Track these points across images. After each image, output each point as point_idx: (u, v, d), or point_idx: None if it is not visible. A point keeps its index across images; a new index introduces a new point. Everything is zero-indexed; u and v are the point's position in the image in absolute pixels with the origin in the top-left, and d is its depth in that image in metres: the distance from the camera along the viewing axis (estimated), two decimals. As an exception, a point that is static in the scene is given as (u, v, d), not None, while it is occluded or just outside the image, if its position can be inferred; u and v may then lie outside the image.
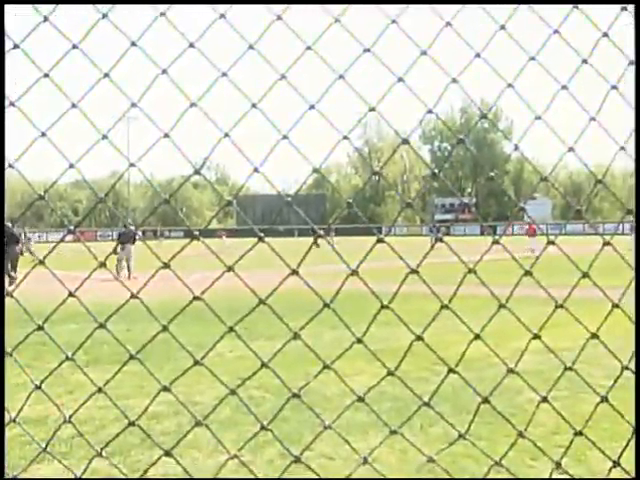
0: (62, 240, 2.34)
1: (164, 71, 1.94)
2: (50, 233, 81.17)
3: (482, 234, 70.60)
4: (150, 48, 1.97)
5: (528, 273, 2.12)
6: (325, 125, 2.02)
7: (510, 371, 2.21)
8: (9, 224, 24.79)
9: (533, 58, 2.07)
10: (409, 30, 2.02)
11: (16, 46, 1.90)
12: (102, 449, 2.22)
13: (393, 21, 1.95)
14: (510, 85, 2.08)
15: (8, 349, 2.27)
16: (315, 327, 2.26)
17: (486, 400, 2.22)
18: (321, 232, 2.04)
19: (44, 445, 2.34)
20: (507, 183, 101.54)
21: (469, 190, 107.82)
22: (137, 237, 26.50)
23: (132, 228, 27.34)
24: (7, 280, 22.93)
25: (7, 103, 1.90)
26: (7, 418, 2.34)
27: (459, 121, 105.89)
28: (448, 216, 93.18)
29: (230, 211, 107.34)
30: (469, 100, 2.28)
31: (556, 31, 2.07)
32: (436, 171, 2.09)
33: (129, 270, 26.01)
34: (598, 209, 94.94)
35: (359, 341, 2.08)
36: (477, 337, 2.15)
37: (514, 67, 2.12)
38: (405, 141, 2.08)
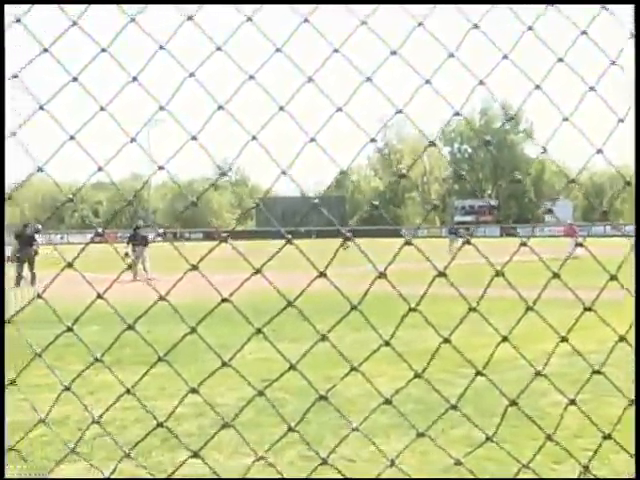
0: (92, 241, 2.36)
1: (191, 74, 1.95)
2: (71, 235, 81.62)
3: (501, 236, 70.22)
4: (177, 51, 1.97)
5: (556, 275, 2.11)
6: (345, 127, 2.02)
7: (538, 374, 2.20)
8: (25, 225, 25.14)
9: (561, 59, 2.06)
10: (433, 32, 2.02)
11: (45, 50, 1.91)
12: (130, 450, 2.24)
13: (420, 24, 1.94)
14: (538, 87, 2.07)
15: (38, 349, 2.28)
16: (338, 329, 2.25)
17: (514, 403, 2.21)
18: (349, 234, 2.05)
19: (71, 445, 2.36)
20: (528, 185, 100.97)
21: (489, 192, 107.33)
22: (149, 239, 26.57)
23: (142, 230, 27.55)
24: (25, 280, 23.22)
25: (36, 107, 1.92)
26: (36, 418, 2.35)
27: (479, 122, 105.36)
28: (468, 218, 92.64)
29: (250, 213, 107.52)
30: (489, 101, 2.27)
31: (584, 32, 2.05)
32: (463, 173, 2.08)
33: (145, 271, 25.97)
34: (620, 211, 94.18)
35: (387, 344, 2.07)
36: (505, 339, 2.14)
37: (538, 68, 2.10)
38: (432, 143, 2.08)
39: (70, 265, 2.05)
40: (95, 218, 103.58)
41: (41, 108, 1.92)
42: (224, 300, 2.03)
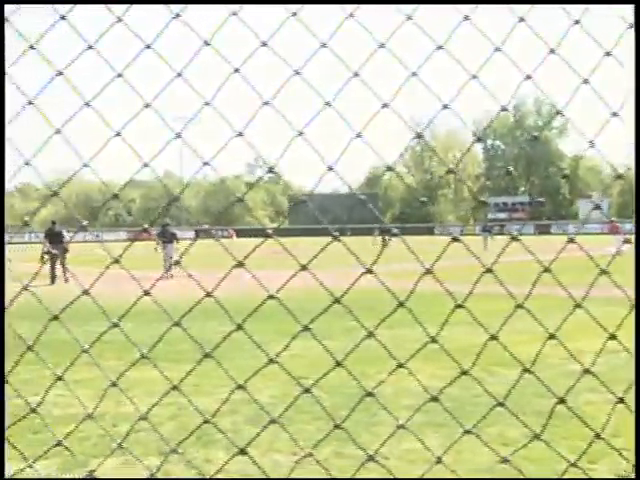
0: (137, 239, 2.39)
1: (236, 70, 1.96)
2: (105, 233, 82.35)
3: (534, 234, 69.61)
4: (221, 47, 1.98)
5: (604, 272, 2.09)
6: (379, 123, 2.01)
7: (587, 371, 2.18)
8: (54, 223, 25.52)
9: (609, 53, 2.04)
10: (473, 27, 2.01)
11: (90, 47, 1.93)
12: (178, 445, 2.26)
13: (466, 17, 1.93)
14: (586, 81, 2.04)
15: (85, 346, 2.31)
16: (369, 326, 2.25)
17: (562, 400, 2.20)
18: (396, 230, 2.05)
19: (117, 441, 2.38)
20: (562, 181, 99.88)
21: (522, 189, 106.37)
22: (177, 236, 26.67)
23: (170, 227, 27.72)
24: (61, 277, 23.58)
25: (82, 103, 1.94)
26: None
27: (512, 118, 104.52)
28: (501, 215, 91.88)
29: (282, 210, 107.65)
30: (522, 97, 2.26)
31: (632, 26, 2.03)
32: (510, 169, 2.07)
33: (169, 268, 25.78)
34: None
35: (433, 340, 2.07)
36: (552, 337, 2.13)
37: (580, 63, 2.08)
38: (479, 139, 2.07)
39: (117, 261, 2.07)
40: (128, 216, 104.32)
41: (87, 104, 1.94)
42: (270, 297, 2.04)
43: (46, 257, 23.99)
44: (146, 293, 2.08)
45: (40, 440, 5.95)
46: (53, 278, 23.56)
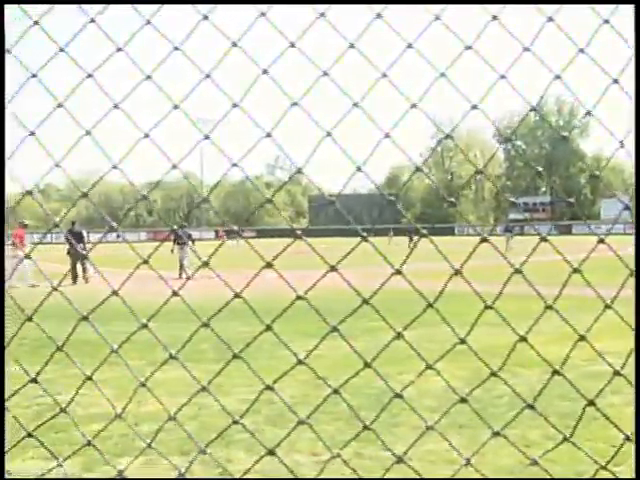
0: (166, 239, 2.40)
1: (265, 71, 1.96)
2: (126, 233, 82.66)
3: (557, 234, 69.16)
4: (249, 47, 1.98)
5: (635, 273, 2.08)
6: (401, 123, 2.01)
7: (617, 373, 2.17)
8: (75, 224, 25.82)
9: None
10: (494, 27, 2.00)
11: (119, 49, 1.94)
12: (206, 446, 2.28)
13: (494, 17, 1.92)
14: (616, 81, 2.02)
15: (114, 345, 2.33)
16: (385, 327, 2.25)
17: (591, 403, 2.18)
18: (425, 231, 2.05)
19: (147, 441, 2.40)
20: (583, 181, 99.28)
21: (543, 189, 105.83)
22: (193, 237, 26.86)
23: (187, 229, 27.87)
24: (82, 277, 23.83)
25: (111, 105, 1.95)
26: (112, 414, 2.41)
27: (533, 118, 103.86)
28: (523, 215, 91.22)
29: (302, 211, 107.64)
30: (544, 96, 2.24)
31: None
32: (540, 169, 2.06)
33: (185, 269, 25.85)
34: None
35: (462, 342, 2.07)
36: (582, 338, 2.12)
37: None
38: (507, 139, 2.06)
39: (146, 262, 2.08)
40: (149, 217, 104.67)
41: (115, 107, 1.95)
42: (299, 297, 2.04)
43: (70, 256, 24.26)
44: (174, 294, 2.09)
45: (62, 439, 6.00)
46: (75, 278, 23.80)
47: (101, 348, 2.48)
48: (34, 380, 2.33)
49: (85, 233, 26.32)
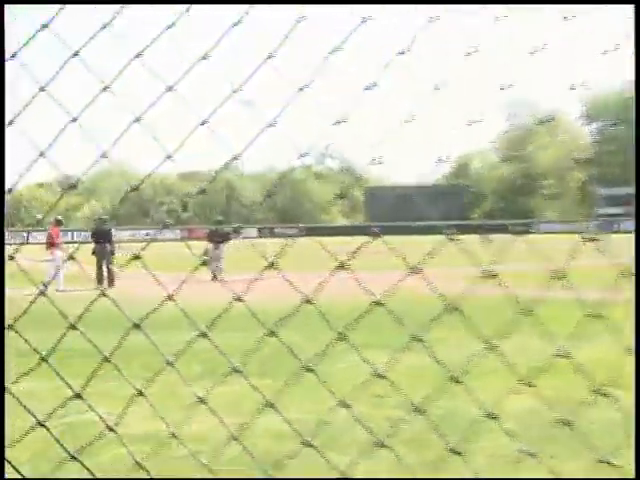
0: (191, 237, 2.44)
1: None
2: (158, 230, 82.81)
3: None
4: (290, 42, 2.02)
5: None
6: (463, 109, 2.02)
7: None
8: (102, 222, 26.12)
9: None
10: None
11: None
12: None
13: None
14: None
15: (170, 358, 2.37)
16: (460, 335, 2.25)
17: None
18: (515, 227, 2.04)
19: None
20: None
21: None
22: (231, 236, 26.79)
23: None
24: (106, 277, 24.17)
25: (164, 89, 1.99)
26: (167, 433, 2.46)
27: (625, 96, 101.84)
28: (614, 210, 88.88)
29: (358, 205, 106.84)
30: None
31: None
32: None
33: (220, 271, 25.76)
34: None
35: (564, 356, 2.06)
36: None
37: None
38: (615, 124, 2.05)
39: (205, 263, 2.13)
40: (184, 212, 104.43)
41: (169, 89, 1.99)
42: (377, 303, 2.06)
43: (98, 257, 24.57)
44: (238, 299, 2.13)
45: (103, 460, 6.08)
46: (100, 280, 24.03)
47: (130, 361, 2.51)
48: (78, 395, 2.39)
49: (113, 232, 26.55)
